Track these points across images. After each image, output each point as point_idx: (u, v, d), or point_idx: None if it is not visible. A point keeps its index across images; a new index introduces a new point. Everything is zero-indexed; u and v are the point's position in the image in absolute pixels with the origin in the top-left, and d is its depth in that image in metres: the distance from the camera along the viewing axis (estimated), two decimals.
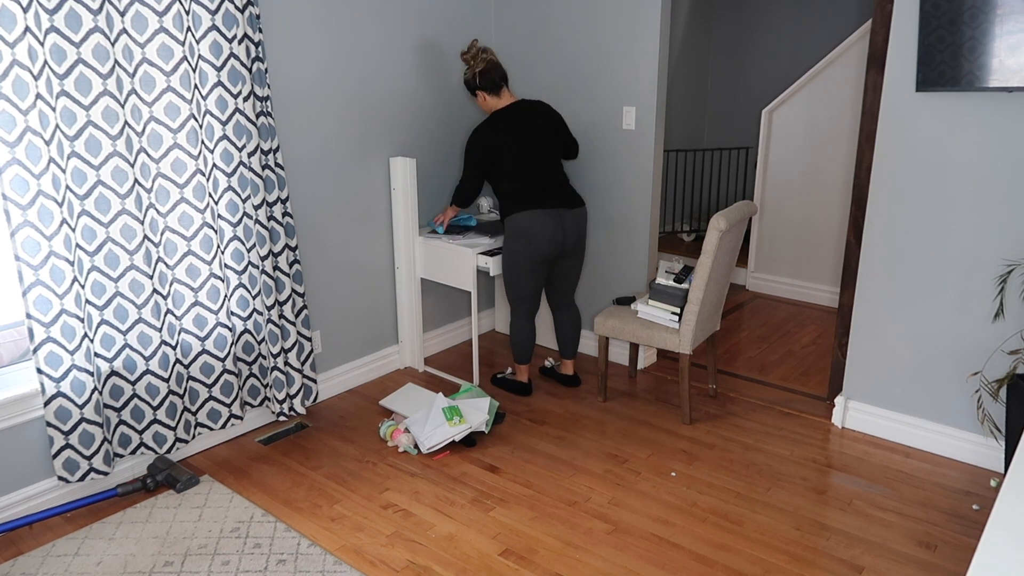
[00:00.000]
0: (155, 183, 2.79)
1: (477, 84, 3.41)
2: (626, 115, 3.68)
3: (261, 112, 2.99)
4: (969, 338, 2.96)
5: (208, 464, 3.09)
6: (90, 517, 2.76)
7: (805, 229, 4.92)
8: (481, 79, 3.39)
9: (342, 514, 2.76)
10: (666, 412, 3.52)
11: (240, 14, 2.81)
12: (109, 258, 2.70)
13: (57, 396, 2.65)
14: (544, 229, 3.34)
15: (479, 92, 3.43)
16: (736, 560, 2.50)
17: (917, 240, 3.01)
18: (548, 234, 3.36)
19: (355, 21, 3.41)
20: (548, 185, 3.40)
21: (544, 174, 3.40)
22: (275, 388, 3.23)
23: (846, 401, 3.35)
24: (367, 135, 3.58)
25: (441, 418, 3.17)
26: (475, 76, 3.39)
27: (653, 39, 3.51)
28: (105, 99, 2.56)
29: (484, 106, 3.47)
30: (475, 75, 3.39)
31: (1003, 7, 2.56)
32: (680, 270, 3.36)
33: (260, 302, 3.12)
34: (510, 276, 3.47)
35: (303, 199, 3.36)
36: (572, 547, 2.57)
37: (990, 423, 2.97)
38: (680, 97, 6.20)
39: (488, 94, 3.42)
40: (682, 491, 2.89)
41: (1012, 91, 2.66)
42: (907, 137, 2.95)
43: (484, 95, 3.42)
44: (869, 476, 2.99)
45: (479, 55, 3.39)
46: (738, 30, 6.17)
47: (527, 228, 3.34)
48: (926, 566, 2.47)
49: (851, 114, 4.54)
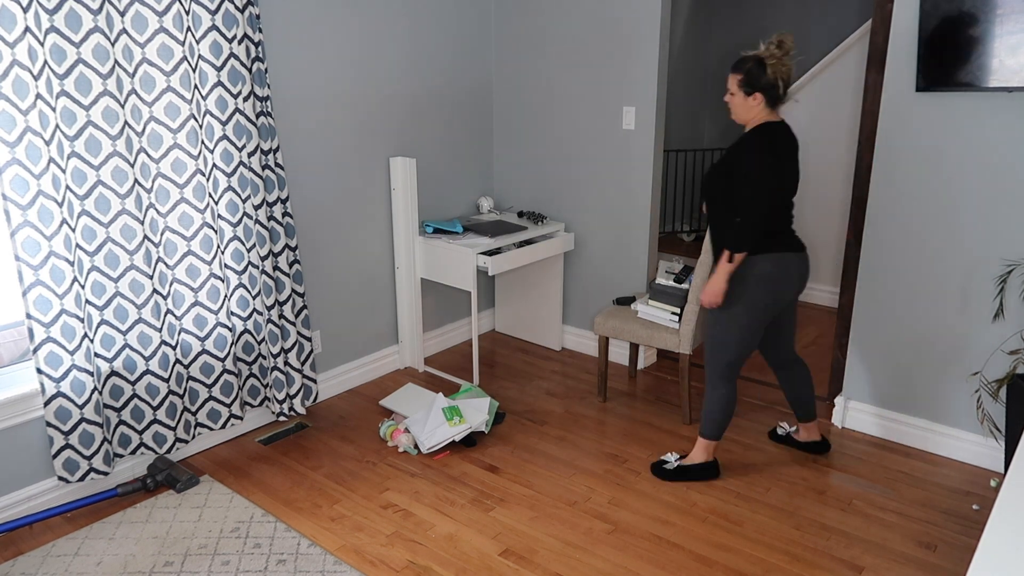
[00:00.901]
0: (155, 183, 2.79)
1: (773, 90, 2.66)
2: (626, 115, 3.69)
3: (261, 112, 2.99)
4: (969, 338, 2.96)
5: (208, 464, 3.09)
6: (90, 517, 2.76)
7: (805, 229, 4.91)
8: (784, 87, 2.67)
9: (342, 514, 2.76)
10: (666, 412, 3.52)
11: (240, 14, 2.81)
12: (109, 258, 2.70)
13: (57, 396, 2.65)
14: (787, 276, 2.76)
15: (758, 95, 2.66)
16: (736, 560, 2.50)
17: (917, 240, 3.01)
18: (789, 281, 2.78)
19: (355, 21, 3.41)
20: (789, 224, 2.84)
21: (789, 211, 2.83)
22: (275, 388, 3.23)
23: (846, 401, 3.35)
24: (367, 135, 3.58)
25: (441, 418, 3.17)
26: (777, 81, 2.64)
27: (653, 39, 3.51)
28: (105, 99, 2.56)
29: (745, 111, 2.72)
30: (778, 79, 2.64)
31: (1003, 7, 2.56)
32: (680, 270, 3.36)
33: (260, 302, 3.12)
34: (737, 332, 2.79)
35: (303, 199, 3.36)
36: (572, 547, 2.57)
37: (990, 423, 2.97)
38: (680, 97, 6.20)
39: (767, 102, 2.68)
40: (682, 491, 2.89)
41: (1012, 91, 2.66)
42: (907, 137, 2.95)
43: (762, 100, 2.67)
44: (869, 476, 2.99)
45: (789, 53, 2.66)
46: (738, 30, 6.17)
47: (770, 274, 2.73)
48: (926, 566, 2.47)
49: (851, 114, 4.54)
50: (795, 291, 2.84)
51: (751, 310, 2.77)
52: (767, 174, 2.65)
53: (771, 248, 2.73)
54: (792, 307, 2.96)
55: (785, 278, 2.77)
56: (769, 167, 2.65)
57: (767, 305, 2.77)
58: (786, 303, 2.85)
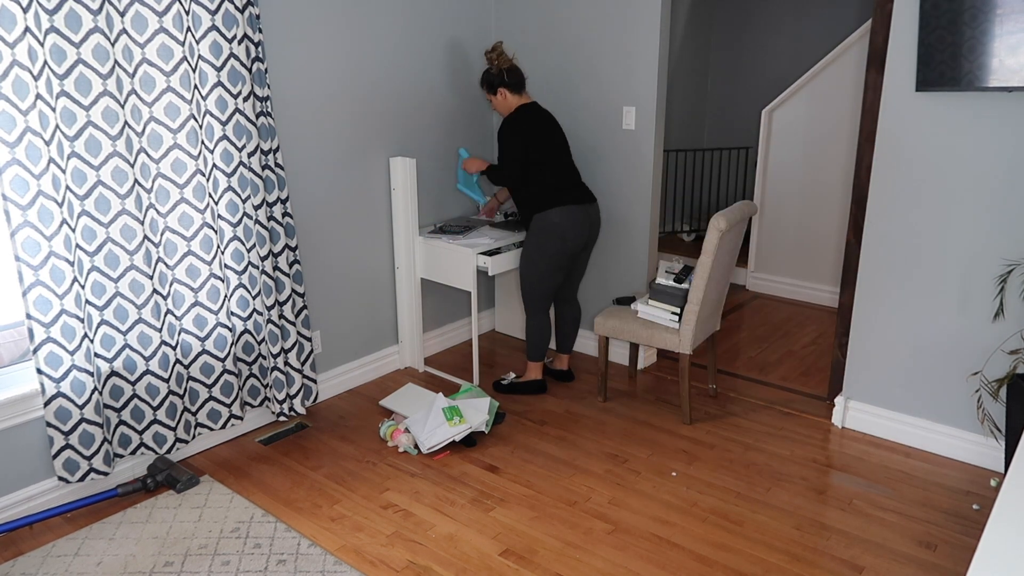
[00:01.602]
0: (155, 183, 2.79)
1: (504, 80, 3.44)
2: (626, 115, 3.69)
3: (261, 112, 2.99)
4: (969, 338, 2.96)
5: (208, 464, 3.09)
6: (90, 517, 2.76)
7: (805, 229, 4.92)
8: (508, 75, 3.44)
9: (342, 514, 2.76)
10: (666, 412, 3.52)
11: (240, 14, 2.81)
12: (109, 258, 2.70)
13: (57, 396, 2.65)
14: (575, 225, 3.41)
15: (501, 89, 3.46)
16: (736, 560, 2.50)
17: (917, 240, 3.01)
18: (579, 230, 3.43)
19: (355, 21, 3.41)
20: (575, 181, 3.50)
21: (570, 170, 3.51)
22: (275, 388, 3.23)
23: (846, 401, 3.35)
24: (367, 135, 3.58)
25: (441, 418, 3.17)
26: (501, 72, 3.44)
27: (653, 39, 3.51)
28: (105, 99, 2.56)
29: (502, 104, 3.50)
30: (501, 71, 3.44)
31: (1003, 7, 2.56)
32: (680, 270, 3.36)
33: (260, 302, 3.12)
34: (536, 273, 3.49)
35: (303, 199, 3.36)
36: (572, 547, 2.57)
37: (990, 423, 2.97)
38: (680, 97, 6.20)
39: (511, 92, 3.46)
40: (682, 491, 2.89)
41: (1012, 91, 2.66)
42: (907, 137, 2.95)
43: (506, 92, 3.46)
44: (869, 476, 2.99)
45: (503, 54, 3.47)
46: (738, 30, 6.17)
47: (560, 224, 3.39)
48: (926, 566, 2.47)
49: (851, 114, 4.54)
50: (581, 236, 3.46)
51: (545, 250, 3.44)
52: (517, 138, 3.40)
53: (560, 202, 3.40)
54: (586, 254, 3.64)
55: (570, 226, 3.41)
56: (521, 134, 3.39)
57: (560, 247, 3.43)
58: (578, 246, 3.48)
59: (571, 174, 3.50)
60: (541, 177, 3.43)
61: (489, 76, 3.49)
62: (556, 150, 3.47)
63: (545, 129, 3.45)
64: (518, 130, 3.41)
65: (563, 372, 3.84)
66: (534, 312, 3.59)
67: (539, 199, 3.42)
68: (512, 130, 3.42)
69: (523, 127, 3.41)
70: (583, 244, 3.51)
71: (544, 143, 3.43)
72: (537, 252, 3.46)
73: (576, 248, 3.48)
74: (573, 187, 3.46)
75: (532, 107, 3.48)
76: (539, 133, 3.43)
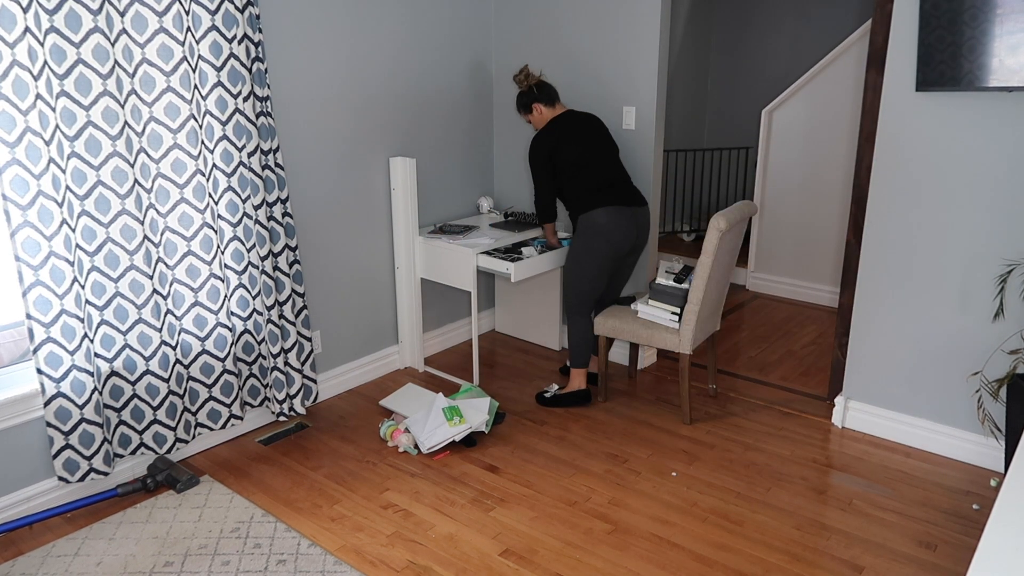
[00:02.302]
0: (155, 183, 2.79)
1: (535, 95, 3.46)
2: (626, 115, 3.69)
3: (261, 112, 2.99)
4: (969, 338, 2.96)
5: (208, 464, 3.09)
6: (90, 517, 2.76)
7: (805, 229, 4.92)
8: (539, 90, 3.47)
9: (342, 514, 2.76)
10: (666, 412, 3.52)
11: (240, 14, 2.81)
12: (109, 258, 2.70)
13: (57, 396, 2.65)
14: (621, 226, 3.35)
15: (536, 105, 3.47)
16: (736, 560, 2.50)
17: (917, 240, 3.01)
18: (624, 231, 3.37)
19: (355, 21, 3.41)
20: (617, 182, 3.42)
21: (611, 172, 3.44)
22: (275, 388, 3.23)
23: (846, 401, 3.35)
24: (367, 135, 3.58)
25: (441, 418, 3.17)
26: (532, 88, 3.47)
27: (653, 39, 3.51)
28: (105, 99, 2.56)
29: (538, 120, 3.50)
30: (532, 87, 3.47)
31: (1003, 7, 2.56)
32: (680, 270, 3.36)
33: (260, 302, 3.12)
34: (581, 274, 3.42)
35: (303, 199, 3.36)
36: (572, 547, 2.57)
37: (990, 423, 2.97)
38: (680, 97, 6.20)
39: (545, 106, 3.47)
40: (682, 491, 2.89)
41: (1012, 91, 2.66)
42: (907, 137, 2.95)
43: (541, 107, 3.47)
44: (869, 476, 2.99)
45: (531, 74, 3.50)
46: (738, 30, 6.17)
47: (604, 225, 3.34)
48: (926, 566, 2.47)
49: (851, 114, 4.55)
50: (627, 237, 3.39)
51: (591, 252, 3.38)
52: (541, 156, 3.41)
53: (603, 202, 3.34)
54: (634, 256, 3.58)
55: (615, 227, 3.34)
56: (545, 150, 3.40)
57: (604, 249, 3.36)
58: (624, 247, 3.41)
59: (616, 175, 3.43)
60: (582, 179, 3.38)
61: (522, 96, 3.51)
62: (597, 151, 3.41)
63: (579, 132, 3.41)
64: (542, 145, 3.40)
65: (592, 375, 3.72)
66: (576, 316, 3.50)
67: (583, 200, 3.37)
68: (537, 146, 3.42)
69: (548, 140, 3.39)
70: (630, 247, 3.43)
71: (579, 146, 3.38)
72: (584, 253, 3.39)
73: (622, 251, 3.41)
74: (619, 188, 3.40)
75: (564, 116, 3.46)
76: (571, 138, 3.39)
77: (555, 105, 3.50)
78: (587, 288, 3.44)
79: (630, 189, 3.45)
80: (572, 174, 3.39)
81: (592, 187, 3.37)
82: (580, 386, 3.56)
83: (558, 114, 3.48)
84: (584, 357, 3.54)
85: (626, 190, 3.42)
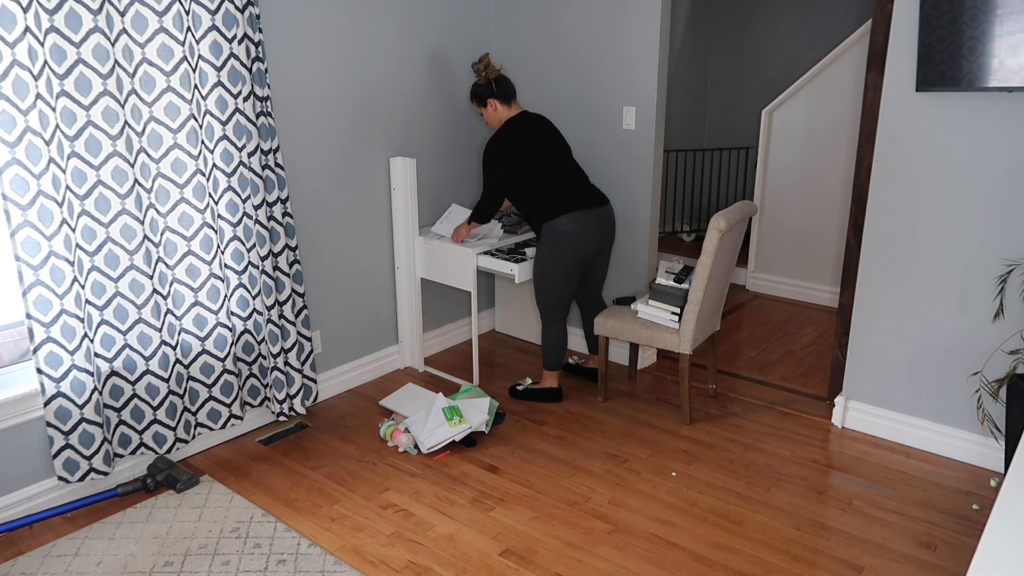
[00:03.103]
0: (155, 183, 2.79)
1: (493, 91, 3.39)
2: (626, 115, 3.68)
3: (261, 112, 2.99)
4: (969, 338, 2.96)
5: (208, 464, 3.09)
6: (90, 517, 2.76)
7: (805, 229, 4.92)
8: (497, 86, 3.39)
9: (342, 514, 2.76)
10: (666, 412, 3.52)
11: (240, 14, 2.81)
12: (109, 258, 2.70)
13: (57, 396, 2.65)
14: (586, 230, 3.33)
15: (491, 101, 3.40)
16: (736, 560, 2.50)
17: (917, 240, 3.01)
18: (590, 235, 3.35)
19: (355, 21, 3.42)
20: (579, 185, 3.41)
21: (573, 175, 3.42)
22: (275, 388, 3.23)
23: (846, 401, 3.35)
24: (367, 135, 3.58)
25: (441, 418, 3.17)
26: (490, 83, 3.39)
27: (653, 39, 3.51)
28: (105, 99, 2.56)
29: (492, 116, 3.44)
30: (490, 82, 3.39)
31: (1003, 7, 2.56)
32: (680, 270, 3.36)
33: (260, 302, 3.12)
34: (550, 282, 3.40)
35: (303, 199, 3.36)
36: (572, 547, 2.57)
37: (990, 423, 2.97)
38: (680, 97, 6.20)
39: (500, 103, 3.40)
40: (682, 491, 2.89)
41: (1012, 91, 2.66)
42: (907, 137, 2.95)
43: (496, 104, 3.40)
44: (869, 476, 2.99)
45: (491, 64, 3.41)
46: (738, 30, 6.17)
47: (570, 232, 3.31)
48: (926, 566, 2.47)
49: (851, 114, 4.54)
50: (594, 240, 3.38)
51: (557, 259, 3.36)
52: (500, 159, 3.34)
53: (566, 209, 3.31)
54: (605, 255, 3.58)
55: (581, 232, 3.33)
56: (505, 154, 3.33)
57: (571, 255, 3.34)
58: (592, 251, 3.40)
59: (575, 178, 3.42)
60: (542, 186, 3.35)
61: (478, 88, 3.44)
62: (555, 156, 3.40)
63: (538, 137, 3.38)
64: (503, 147, 3.35)
65: (593, 370, 3.81)
66: (550, 322, 3.50)
67: (545, 209, 3.34)
68: (496, 148, 3.36)
69: (509, 143, 3.34)
70: (597, 249, 3.43)
71: (537, 151, 3.36)
72: (550, 262, 3.37)
73: (590, 254, 3.40)
74: (580, 191, 3.38)
75: (521, 118, 3.41)
76: (530, 143, 3.36)
77: (511, 104, 3.43)
78: (558, 294, 3.43)
79: (592, 190, 3.43)
80: (535, 179, 3.35)
81: (556, 192, 3.34)
82: (552, 384, 3.62)
83: (514, 114, 3.42)
84: (556, 360, 3.57)
85: (588, 191, 3.41)
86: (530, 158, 3.35)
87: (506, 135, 3.37)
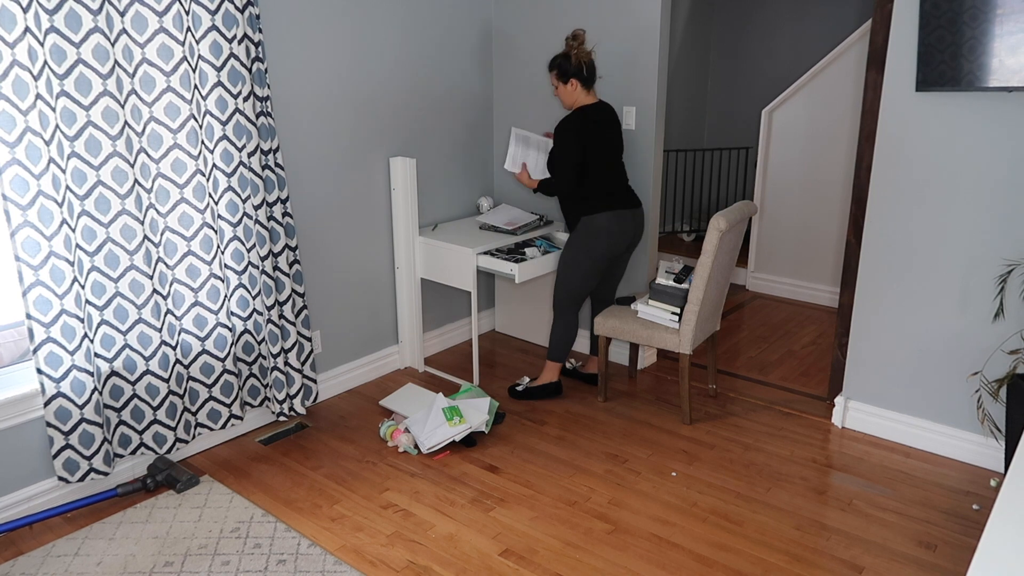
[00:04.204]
0: (155, 183, 2.79)
1: (582, 75, 3.30)
2: (626, 115, 3.68)
3: (261, 112, 2.99)
4: (969, 338, 2.96)
5: (208, 464, 3.09)
6: (90, 517, 2.76)
7: (805, 229, 4.92)
8: (587, 69, 3.30)
9: (342, 514, 2.76)
10: (666, 412, 3.52)
11: (240, 14, 2.81)
12: (109, 258, 2.70)
13: (57, 396, 2.65)
14: (623, 230, 3.39)
15: (574, 81, 3.31)
16: (736, 560, 2.50)
17: (917, 240, 3.01)
18: (626, 235, 3.41)
19: (355, 21, 3.41)
20: (625, 184, 3.46)
21: (622, 175, 3.47)
22: (275, 388, 3.23)
23: (846, 401, 3.35)
24: (367, 135, 3.58)
25: (441, 418, 3.17)
26: (581, 65, 3.28)
27: (653, 39, 3.51)
28: (105, 99, 2.56)
29: (568, 96, 3.36)
30: (581, 64, 3.28)
31: (1003, 7, 2.56)
32: (680, 270, 3.36)
33: (260, 302, 3.12)
34: (574, 274, 3.43)
35: (303, 199, 3.36)
36: (572, 547, 2.57)
37: (990, 423, 2.97)
38: (680, 97, 6.20)
39: (582, 85, 3.33)
40: (682, 491, 2.89)
41: (1012, 91, 2.66)
42: (907, 137, 2.95)
43: (578, 85, 3.31)
44: (869, 476, 2.99)
45: (584, 45, 3.30)
46: (738, 30, 6.17)
47: (608, 229, 3.35)
48: (926, 566, 2.47)
49: (851, 114, 4.54)
50: (627, 240, 3.44)
51: (588, 252, 3.39)
52: (574, 140, 3.28)
53: (610, 206, 3.35)
54: (628, 256, 3.60)
55: (619, 230, 3.37)
56: (579, 136, 3.27)
57: (602, 251, 3.38)
58: (622, 250, 3.46)
59: (622, 178, 3.45)
60: (596, 180, 3.35)
61: (566, 63, 3.29)
62: (612, 153, 3.40)
63: (606, 132, 3.36)
64: (579, 130, 3.28)
65: (594, 375, 3.75)
66: (562, 312, 3.51)
67: (590, 202, 3.36)
68: (573, 129, 3.29)
69: (585, 128, 3.28)
70: (625, 249, 3.48)
71: (602, 147, 3.34)
72: (582, 253, 3.39)
73: (619, 251, 3.44)
74: (623, 191, 3.42)
75: (598, 107, 3.36)
76: (600, 136, 3.32)
77: (590, 91, 3.37)
78: (579, 287, 3.45)
79: (630, 191, 3.46)
80: (594, 172, 3.34)
81: (605, 189, 3.37)
82: (552, 379, 3.61)
83: (590, 103, 3.36)
84: (562, 352, 3.57)
85: (627, 193, 3.44)
86: (597, 151, 3.32)
87: (583, 123, 3.30)
